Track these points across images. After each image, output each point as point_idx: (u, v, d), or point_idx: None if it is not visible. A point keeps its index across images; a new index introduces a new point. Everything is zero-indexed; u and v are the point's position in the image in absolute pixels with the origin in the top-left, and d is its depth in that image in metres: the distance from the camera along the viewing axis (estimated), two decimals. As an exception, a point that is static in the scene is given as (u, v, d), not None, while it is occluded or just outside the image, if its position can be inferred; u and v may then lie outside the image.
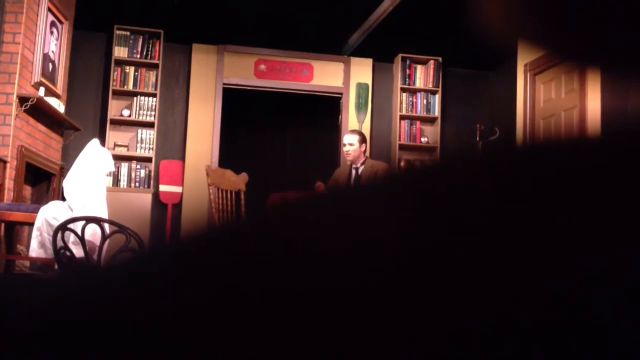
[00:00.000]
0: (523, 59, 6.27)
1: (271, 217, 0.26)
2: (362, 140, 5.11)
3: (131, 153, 7.01)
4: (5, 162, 4.61)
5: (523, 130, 6.19)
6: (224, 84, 7.37)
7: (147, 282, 0.25)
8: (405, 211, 0.24)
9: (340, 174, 5.27)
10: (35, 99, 4.97)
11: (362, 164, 5.06)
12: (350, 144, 5.06)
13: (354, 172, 5.08)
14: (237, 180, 5.39)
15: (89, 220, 3.56)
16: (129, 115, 7.03)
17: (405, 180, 0.25)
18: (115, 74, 7.01)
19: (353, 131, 5.33)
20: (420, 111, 7.67)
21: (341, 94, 7.66)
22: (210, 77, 7.35)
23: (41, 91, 5.26)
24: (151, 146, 7.04)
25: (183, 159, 7.24)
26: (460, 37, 5.89)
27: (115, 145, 6.96)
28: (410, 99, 7.69)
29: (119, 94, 7.06)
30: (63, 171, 5.76)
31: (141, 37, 7.09)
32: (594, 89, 5.35)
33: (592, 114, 5.30)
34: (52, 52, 5.68)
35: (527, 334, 0.20)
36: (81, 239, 3.49)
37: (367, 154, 5.28)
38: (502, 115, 7.30)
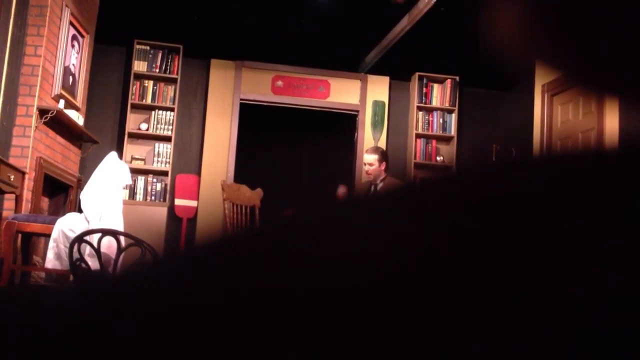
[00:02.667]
0: (541, 80, 6.26)
1: (282, 223, 0.26)
2: (382, 158, 5.00)
3: (148, 166, 7.06)
4: (24, 173, 4.66)
5: (540, 151, 6.15)
6: (241, 99, 7.41)
7: (160, 283, 0.25)
8: (409, 218, 0.24)
9: (359, 191, 5.24)
10: (55, 111, 5.02)
11: (381, 181, 5.02)
12: (370, 164, 4.96)
13: (372, 188, 5.05)
14: (252, 196, 5.40)
15: (105, 232, 3.58)
16: (147, 129, 7.08)
17: (409, 190, 0.26)
18: (134, 87, 7.08)
19: (373, 150, 5.15)
20: (436, 130, 7.66)
21: (357, 111, 7.67)
22: (227, 92, 7.39)
23: (61, 104, 5.31)
24: (168, 160, 7.08)
25: (199, 173, 7.26)
26: (478, 57, 5.90)
27: (133, 158, 7.01)
28: (427, 117, 7.68)
29: (137, 107, 7.12)
30: (80, 183, 5.80)
31: (160, 51, 7.16)
32: (612, 111, 5.32)
33: (610, 136, 5.27)
34: (73, 65, 5.74)
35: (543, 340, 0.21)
36: (97, 251, 3.51)
37: (388, 171, 5.19)
38: (518, 135, 7.27)
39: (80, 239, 3.52)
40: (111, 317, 0.24)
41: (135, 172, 6.79)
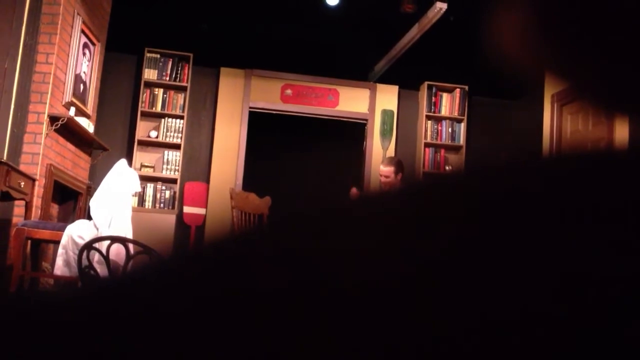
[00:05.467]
0: (550, 90, 6.24)
1: (291, 219, 0.27)
2: (398, 170, 4.88)
3: (157, 174, 7.07)
4: (34, 180, 4.68)
5: (548, 153, 6.13)
6: (250, 107, 7.43)
7: (166, 281, 0.25)
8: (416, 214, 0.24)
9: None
10: (65, 119, 5.04)
11: None
12: (386, 176, 4.85)
13: None
14: (261, 204, 5.40)
15: (114, 240, 3.59)
16: (156, 137, 7.10)
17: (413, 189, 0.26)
18: (144, 95, 7.11)
19: (388, 162, 5.02)
20: (445, 139, 7.65)
21: (366, 120, 7.67)
22: (237, 100, 7.41)
23: (72, 111, 5.34)
24: (177, 168, 7.10)
25: (208, 181, 7.28)
26: (487, 66, 5.89)
27: (142, 165, 7.03)
28: (436, 126, 7.68)
29: (147, 115, 7.15)
30: (90, 190, 5.82)
31: (171, 60, 7.19)
32: (622, 121, 5.30)
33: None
34: (84, 72, 5.77)
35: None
36: (106, 258, 3.52)
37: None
38: (527, 145, 7.24)
39: (89, 246, 3.53)
40: (116, 314, 0.24)
41: (144, 179, 6.81)
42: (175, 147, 7.13)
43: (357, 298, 0.22)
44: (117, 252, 3.63)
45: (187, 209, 7.13)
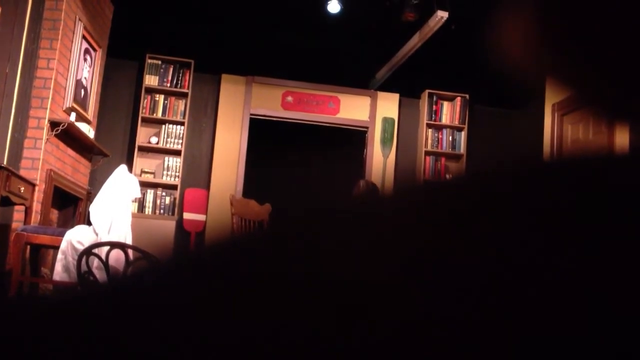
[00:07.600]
0: (551, 99, 6.25)
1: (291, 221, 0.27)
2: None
3: (157, 180, 7.08)
4: (34, 185, 4.68)
5: (549, 157, 6.13)
6: (251, 114, 7.43)
7: (166, 281, 0.25)
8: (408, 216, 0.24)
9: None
10: (66, 124, 5.05)
11: None
12: None
13: None
14: (261, 211, 5.40)
15: (114, 245, 3.59)
16: (157, 143, 7.11)
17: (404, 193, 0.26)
18: (145, 101, 7.12)
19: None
20: (445, 147, 7.66)
21: (367, 127, 7.68)
22: (237, 107, 7.42)
23: (72, 116, 5.34)
24: (177, 174, 7.10)
25: (208, 187, 7.28)
26: (488, 75, 5.90)
27: (142, 171, 7.03)
28: (436, 135, 7.68)
29: (148, 121, 7.16)
30: (90, 196, 5.82)
31: (172, 66, 7.20)
32: (622, 131, 5.30)
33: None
34: (85, 78, 5.78)
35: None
36: (105, 264, 3.51)
37: None
38: (528, 154, 7.23)
39: (88, 252, 3.53)
40: (115, 316, 0.24)
41: (144, 185, 6.81)
42: (176, 153, 7.14)
43: (356, 299, 0.22)
44: (117, 257, 3.62)
45: (187, 215, 7.13)
